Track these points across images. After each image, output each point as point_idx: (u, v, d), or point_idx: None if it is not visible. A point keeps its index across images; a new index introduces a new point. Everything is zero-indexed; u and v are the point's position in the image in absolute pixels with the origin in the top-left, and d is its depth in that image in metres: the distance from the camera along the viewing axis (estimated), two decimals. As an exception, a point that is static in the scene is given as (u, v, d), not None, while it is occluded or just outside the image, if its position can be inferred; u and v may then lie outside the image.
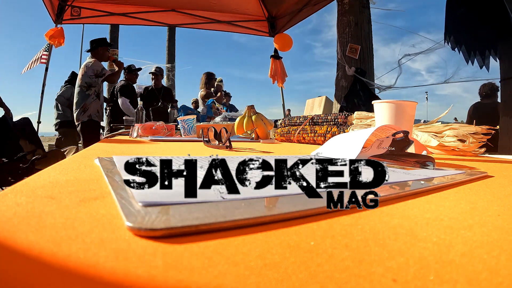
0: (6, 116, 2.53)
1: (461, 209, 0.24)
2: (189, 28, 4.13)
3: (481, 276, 0.13)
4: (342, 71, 3.33)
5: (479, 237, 0.18)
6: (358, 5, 3.31)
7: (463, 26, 2.26)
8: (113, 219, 0.19)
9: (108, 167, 0.35)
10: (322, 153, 0.52)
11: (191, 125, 1.33)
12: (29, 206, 0.21)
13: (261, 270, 0.13)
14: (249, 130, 1.24)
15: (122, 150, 0.72)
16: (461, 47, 2.27)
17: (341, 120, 1.08)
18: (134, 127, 1.37)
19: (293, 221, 0.20)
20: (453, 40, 2.29)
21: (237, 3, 3.76)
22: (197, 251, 0.15)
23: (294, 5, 3.54)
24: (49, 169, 0.36)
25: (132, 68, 3.30)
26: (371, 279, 0.13)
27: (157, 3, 3.67)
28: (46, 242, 0.15)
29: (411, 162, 0.46)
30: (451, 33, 2.30)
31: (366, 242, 0.17)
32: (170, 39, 8.59)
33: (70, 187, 0.27)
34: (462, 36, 2.26)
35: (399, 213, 0.23)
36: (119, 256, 0.14)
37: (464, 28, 2.26)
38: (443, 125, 0.76)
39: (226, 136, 0.77)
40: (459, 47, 2.28)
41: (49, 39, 3.27)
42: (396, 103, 0.61)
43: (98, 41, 2.78)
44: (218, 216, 0.18)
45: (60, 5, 3.33)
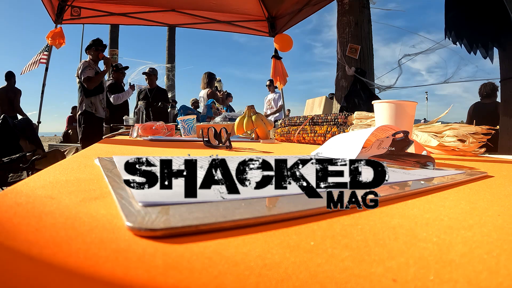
0: (6, 116, 2.53)
1: (461, 209, 0.24)
2: (189, 28, 4.13)
3: (481, 276, 0.13)
4: (342, 71, 3.33)
5: (479, 237, 0.18)
6: (358, 5, 3.30)
7: (463, 21, 2.26)
8: (113, 219, 0.19)
9: (108, 167, 0.35)
10: (322, 153, 0.52)
11: (191, 125, 1.33)
12: (29, 206, 0.21)
13: (261, 270, 0.13)
14: (249, 130, 1.24)
15: (122, 150, 0.72)
16: (463, 41, 2.26)
17: (341, 120, 1.08)
18: (134, 127, 1.37)
19: (293, 221, 0.20)
20: (454, 35, 2.29)
21: (237, 3, 3.76)
22: (197, 251, 0.15)
23: (294, 5, 3.54)
24: (49, 169, 0.36)
25: (119, 66, 3.32)
26: (371, 279, 0.13)
27: (157, 3, 3.67)
28: (46, 242, 0.15)
29: (411, 162, 0.46)
30: (452, 29, 2.30)
31: (366, 242, 0.17)
32: (170, 39, 8.59)
33: (70, 187, 0.27)
34: (463, 31, 2.26)
35: (399, 213, 0.23)
36: (119, 256, 0.14)
37: (464, 23, 2.26)
38: (443, 125, 0.76)
39: (226, 136, 0.77)
40: (460, 41, 2.28)
41: (50, 40, 3.28)
42: (396, 103, 0.61)
43: (93, 41, 2.84)
44: (218, 216, 0.18)
45: (60, 5, 3.33)
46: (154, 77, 3.45)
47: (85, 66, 2.75)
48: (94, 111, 2.81)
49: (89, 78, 2.74)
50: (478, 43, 2.21)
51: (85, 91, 2.76)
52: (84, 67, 2.74)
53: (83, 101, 2.79)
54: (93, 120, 2.82)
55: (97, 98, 2.82)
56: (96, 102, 2.82)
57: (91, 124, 2.82)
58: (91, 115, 2.81)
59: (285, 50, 3.94)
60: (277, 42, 3.87)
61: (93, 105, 2.81)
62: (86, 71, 2.74)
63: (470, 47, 2.23)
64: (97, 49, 2.83)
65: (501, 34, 2.15)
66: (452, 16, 2.32)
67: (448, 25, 2.33)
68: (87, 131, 2.80)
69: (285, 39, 3.86)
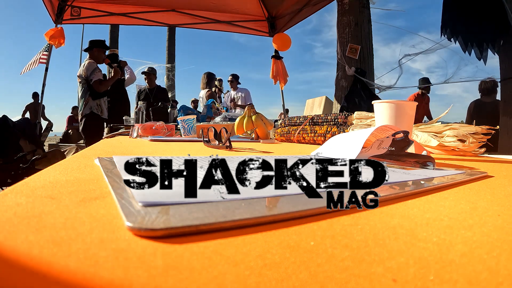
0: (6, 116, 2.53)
1: (461, 209, 0.24)
2: (189, 28, 4.13)
3: (481, 276, 0.13)
4: (342, 71, 3.33)
5: (479, 237, 0.18)
6: (358, 5, 3.30)
7: (460, 19, 2.27)
8: (113, 219, 0.19)
9: (108, 167, 0.35)
10: (322, 153, 0.52)
11: (191, 125, 1.32)
12: (29, 206, 0.21)
13: (261, 270, 0.13)
14: (249, 130, 1.24)
15: (122, 150, 0.72)
16: (458, 38, 2.27)
17: (341, 120, 1.08)
18: (134, 127, 1.37)
19: (293, 221, 0.20)
20: (449, 32, 2.29)
21: (237, 3, 3.76)
22: (197, 251, 0.15)
23: (294, 5, 3.54)
24: (49, 169, 0.36)
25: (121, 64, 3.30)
26: (371, 279, 0.13)
27: (157, 3, 3.67)
28: (46, 242, 0.15)
29: (411, 162, 0.46)
30: (448, 26, 2.31)
31: (366, 242, 0.17)
32: (170, 39, 8.59)
33: (70, 187, 0.27)
34: (458, 28, 2.27)
35: (399, 213, 0.23)
36: (119, 256, 0.14)
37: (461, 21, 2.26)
38: (443, 125, 0.76)
39: (226, 136, 0.77)
40: (455, 37, 2.28)
41: (49, 39, 3.27)
42: (396, 103, 0.61)
43: (95, 42, 2.82)
44: (218, 216, 0.18)
45: (60, 5, 3.33)
46: (153, 76, 3.43)
47: (94, 68, 2.73)
48: (100, 112, 2.81)
49: (101, 81, 2.73)
50: (473, 42, 2.21)
51: (92, 93, 2.74)
52: (93, 69, 2.72)
53: (89, 102, 2.76)
54: (98, 122, 2.82)
55: (102, 100, 2.82)
56: (102, 103, 2.82)
57: (97, 126, 2.81)
58: (97, 117, 2.80)
59: (284, 49, 3.93)
60: (276, 41, 3.87)
61: (99, 107, 2.80)
62: (95, 73, 2.72)
63: (465, 46, 2.24)
64: (103, 51, 2.81)
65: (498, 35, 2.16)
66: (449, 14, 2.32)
67: (444, 22, 2.33)
68: (93, 133, 2.78)
69: (283, 39, 3.86)
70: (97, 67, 2.76)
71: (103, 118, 2.84)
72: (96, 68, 2.74)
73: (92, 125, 2.79)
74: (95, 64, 2.75)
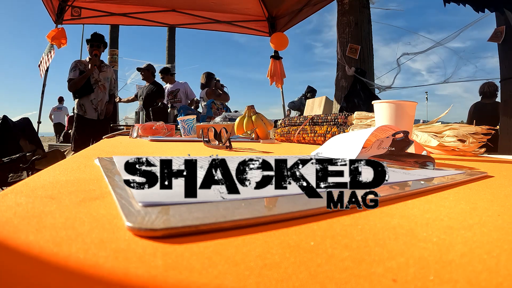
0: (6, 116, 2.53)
1: (461, 209, 0.24)
2: (189, 28, 4.13)
3: (481, 276, 0.13)
4: (342, 71, 3.33)
5: (479, 237, 0.18)
6: (358, 5, 3.30)
7: None
8: (113, 219, 0.19)
9: (108, 167, 0.35)
10: (322, 153, 0.52)
11: (191, 125, 1.32)
12: (29, 206, 0.21)
13: (261, 270, 0.13)
14: (249, 130, 1.23)
15: (122, 150, 0.72)
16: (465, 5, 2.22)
17: (341, 120, 1.08)
18: (134, 127, 1.37)
19: (293, 221, 0.20)
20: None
21: (237, 3, 3.76)
22: (197, 251, 0.15)
23: (294, 5, 3.54)
24: (49, 169, 0.36)
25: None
26: (371, 279, 0.13)
27: (157, 3, 3.67)
28: (46, 242, 0.15)
29: (411, 162, 0.46)
30: None
31: (366, 242, 0.17)
32: (170, 39, 8.58)
33: (70, 187, 0.27)
34: None
35: (399, 213, 0.23)
36: (119, 256, 0.14)
37: None
38: (443, 125, 0.76)
39: (226, 136, 0.77)
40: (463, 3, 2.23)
41: (51, 40, 3.27)
42: (396, 103, 0.61)
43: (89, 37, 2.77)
44: (218, 216, 0.18)
45: (61, 5, 3.33)
46: (148, 72, 3.35)
47: (72, 66, 2.66)
48: (83, 113, 2.72)
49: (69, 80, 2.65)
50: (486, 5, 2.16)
51: (72, 93, 2.69)
52: (71, 68, 2.66)
53: (75, 103, 2.74)
54: (82, 122, 2.73)
55: (87, 99, 2.71)
56: (86, 103, 2.72)
57: (80, 127, 2.74)
58: (80, 118, 2.73)
59: (281, 49, 3.94)
60: (273, 41, 3.87)
61: (82, 107, 2.72)
62: (71, 72, 2.65)
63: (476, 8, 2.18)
64: (92, 46, 2.71)
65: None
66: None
67: None
68: (76, 134, 2.74)
69: (280, 38, 3.86)
70: (76, 66, 2.66)
71: (87, 118, 2.73)
72: (74, 67, 2.66)
73: (76, 126, 2.74)
74: (75, 63, 2.67)
